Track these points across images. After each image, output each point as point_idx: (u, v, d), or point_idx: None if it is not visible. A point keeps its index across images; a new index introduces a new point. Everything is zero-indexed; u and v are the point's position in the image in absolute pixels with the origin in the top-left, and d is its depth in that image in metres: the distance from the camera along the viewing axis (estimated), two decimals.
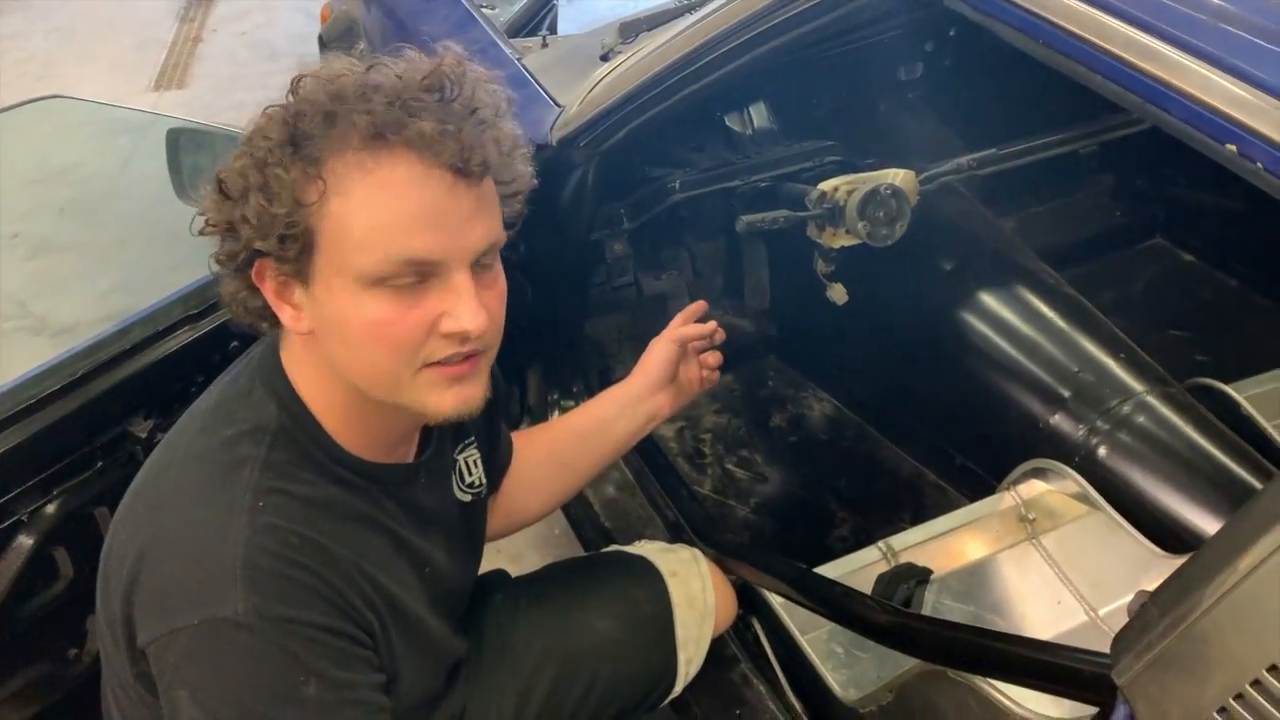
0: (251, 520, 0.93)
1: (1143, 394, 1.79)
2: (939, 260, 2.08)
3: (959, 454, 2.03)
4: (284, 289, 0.96)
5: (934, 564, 1.70)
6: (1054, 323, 1.93)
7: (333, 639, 0.95)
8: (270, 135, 0.91)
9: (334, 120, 0.90)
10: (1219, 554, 0.73)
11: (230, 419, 1.00)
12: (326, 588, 0.95)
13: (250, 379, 1.02)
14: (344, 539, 0.99)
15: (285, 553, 0.93)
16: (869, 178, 1.69)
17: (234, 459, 0.96)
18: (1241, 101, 0.75)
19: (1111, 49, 0.83)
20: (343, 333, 0.95)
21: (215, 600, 0.90)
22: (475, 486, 1.25)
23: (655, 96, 1.44)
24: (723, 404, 2.28)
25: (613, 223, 1.84)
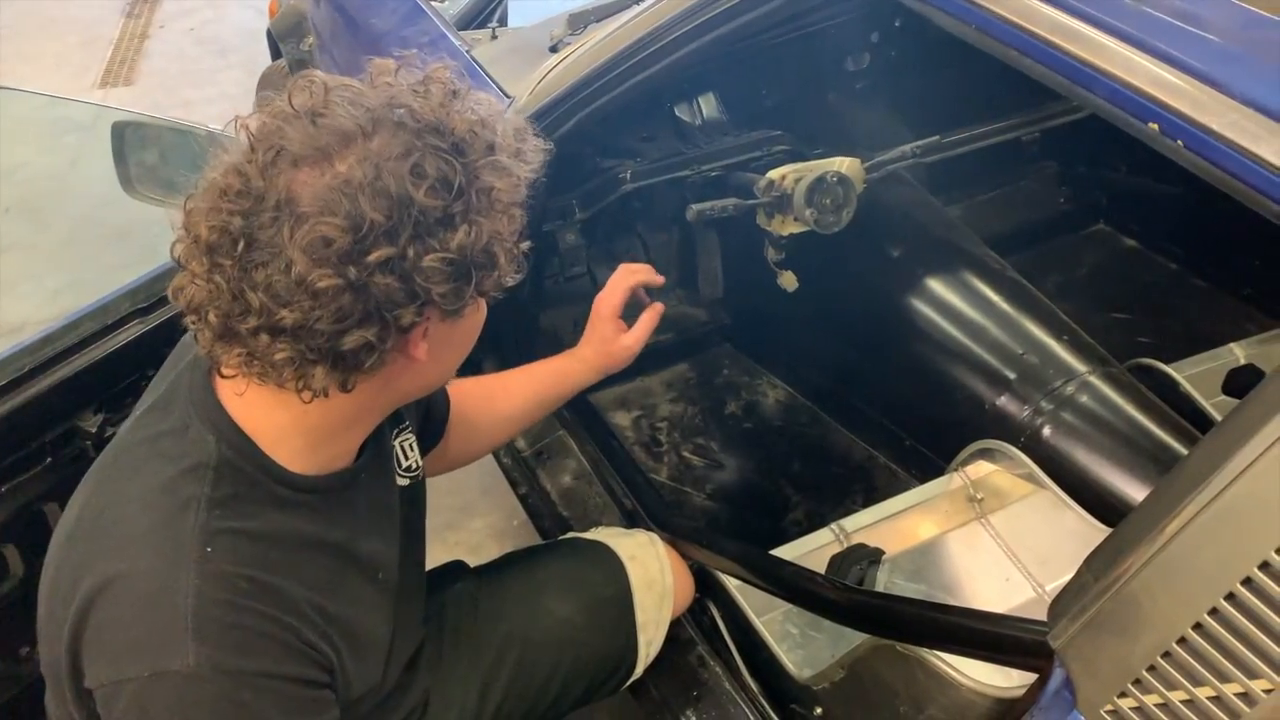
0: (200, 568, 0.91)
1: (1085, 374, 1.83)
2: (886, 247, 2.11)
3: (908, 436, 2.06)
4: (426, 328, 0.94)
5: (885, 544, 1.73)
6: (999, 306, 1.97)
7: (287, 685, 0.95)
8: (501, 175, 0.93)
9: (496, 150, 0.92)
10: (1147, 519, 0.76)
11: (168, 457, 0.97)
12: (282, 631, 0.95)
13: (184, 414, 0.99)
14: (295, 573, 0.99)
15: (237, 600, 0.92)
16: (816, 166, 1.72)
17: (178, 500, 0.94)
18: (1162, 81, 0.78)
19: (1039, 32, 0.86)
20: (468, 338, 1.05)
21: (165, 652, 0.89)
22: (413, 470, 1.25)
23: (602, 86, 1.46)
24: (678, 393, 2.30)
25: (565, 213, 1.86)
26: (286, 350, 0.88)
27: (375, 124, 0.87)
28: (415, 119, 0.88)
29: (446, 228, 0.87)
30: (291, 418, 0.97)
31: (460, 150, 0.89)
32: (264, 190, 0.86)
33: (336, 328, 0.86)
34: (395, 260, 0.85)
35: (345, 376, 0.91)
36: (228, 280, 0.87)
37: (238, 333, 0.89)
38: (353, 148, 0.86)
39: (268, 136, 0.88)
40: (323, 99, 0.89)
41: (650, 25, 1.40)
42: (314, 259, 0.84)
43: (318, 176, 0.85)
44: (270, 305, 0.85)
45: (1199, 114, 0.75)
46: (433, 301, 0.89)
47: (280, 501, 1.00)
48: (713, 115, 1.98)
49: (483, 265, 0.91)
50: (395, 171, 0.85)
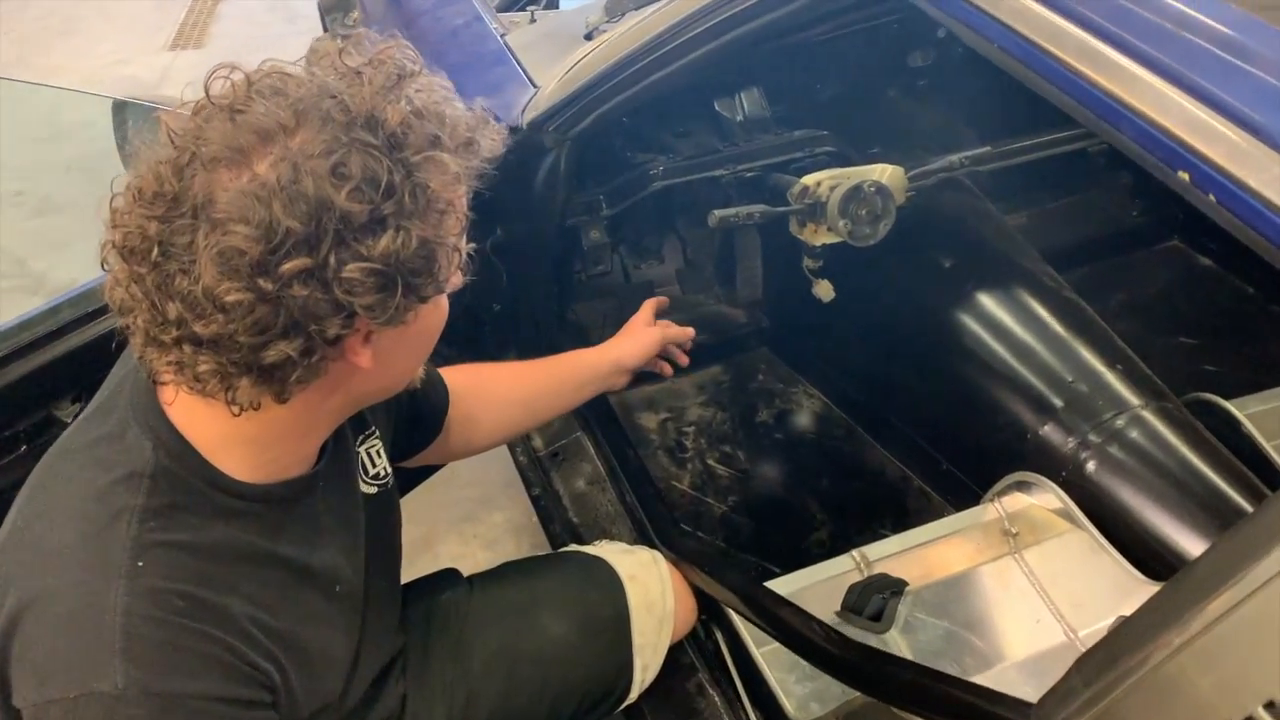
0: (131, 585, 0.86)
1: (1137, 408, 1.71)
2: (936, 257, 2.00)
3: (945, 460, 1.96)
4: (367, 336, 0.89)
5: (910, 575, 1.64)
6: (1051, 328, 1.85)
7: (224, 708, 0.90)
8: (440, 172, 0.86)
9: (440, 143, 0.86)
10: (1141, 628, 0.67)
11: (103, 464, 0.92)
12: (220, 650, 0.90)
13: (123, 420, 0.94)
14: (238, 588, 0.93)
15: (170, 619, 0.87)
16: (854, 173, 1.61)
17: (110, 511, 0.89)
18: (1198, 124, 0.67)
19: (1064, 56, 0.76)
20: (423, 340, 0.98)
21: (92, 673, 0.85)
22: (380, 478, 1.19)
23: (621, 82, 1.38)
24: (709, 396, 2.22)
25: (591, 209, 1.78)
26: (209, 362, 0.83)
27: (299, 118, 0.81)
28: (345, 111, 0.81)
29: (371, 234, 0.80)
30: (233, 426, 0.91)
31: (395, 145, 0.82)
32: (179, 194, 0.80)
33: (256, 340, 0.81)
34: (315, 270, 0.79)
35: (275, 388, 0.85)
36: (145, 289, 0.82)
37: (162, 342, 0.83)
38: (272, 146, 0.80)
39: (186, 135, 0.82)
40: (244, 93, 0.82)
41: (670, 21, 1.31)
42: (223, 270, 0.78)
43: (234, 179, 0.79)
44: (187, 316, 0.80)
45: (1236, 166, 0.64)
46: (358, 313, 0.82)
47: (224, 512, 0.94)
48: (755, 111, 1.88)
49: (416, 271, 0.84)
50: (316, 171, 0.78)
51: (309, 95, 0.82)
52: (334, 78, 0.85)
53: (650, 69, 1.35)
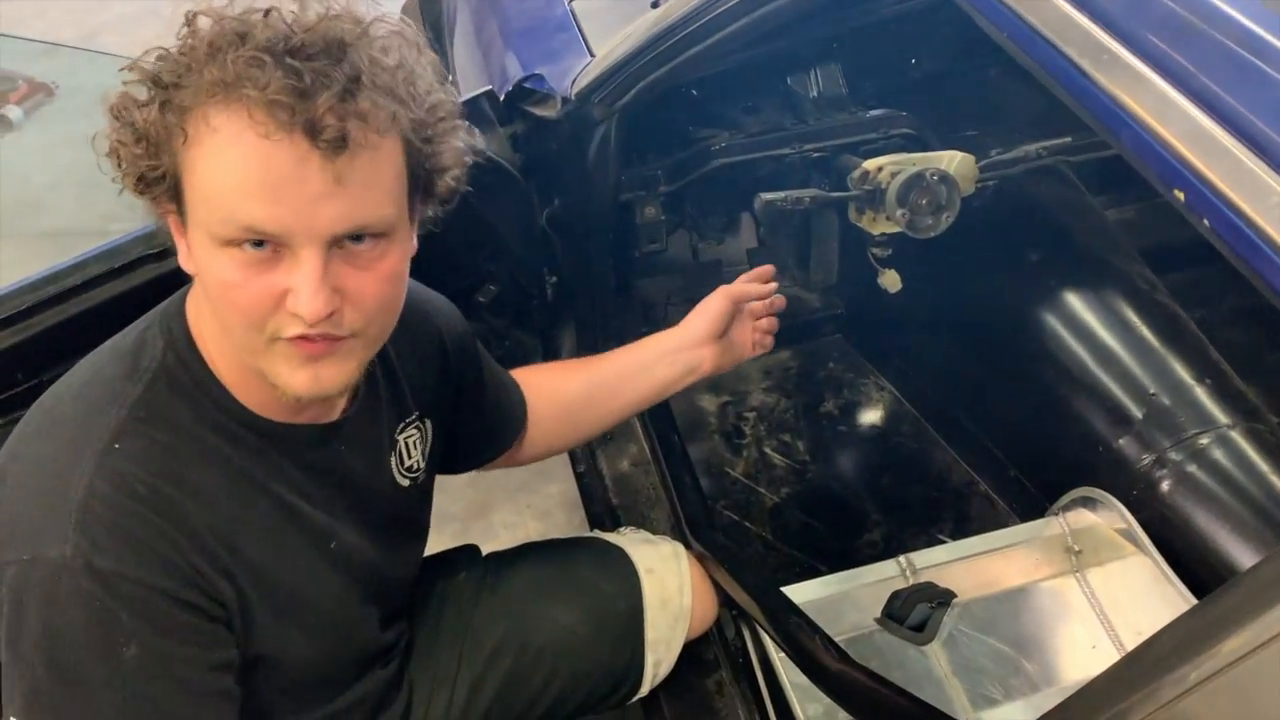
0: (100, 460, 0.88)
1: (1225, 427, 1.58)
2: (1022, 250, 1.88)
3: (1014, 466, 1.85)
4: (177, 225, 0.90)
5: (960, 587, 1.57)
6: (1137, 333, 1.72)
7: (165, 604, 0.89)
8: (146, 72, 0.85)
9: (201, 68, 0.82)
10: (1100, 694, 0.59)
11: (119, 355, 0.96)
12: (167, 546, 0.89)
13: (150, 319, 0.98)
14: (208, 496, 0.93)
15: (127, 503, 0.88)
16: (919, 159, 1.51)
17: (108, 394, 0.92)
18: (1200, 136, 0.57)
19: (1068, 51, 0.66)
20: (206, 287, 0.91)
21: (46, 539, 0.86)
22: (413, 471, 1.17)
23: (663, 52, 1.31)
24: (774, 382, 2.15)
25: (648, 184, 1.72)
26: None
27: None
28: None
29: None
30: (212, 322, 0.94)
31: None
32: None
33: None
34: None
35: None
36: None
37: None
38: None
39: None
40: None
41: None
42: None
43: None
44: None
45: (1233, 189, 0.55)
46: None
47: (220, 428, 0.95)
48: (831, 89, 1.78)
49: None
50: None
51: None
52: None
53: (691, 39, 1.28)
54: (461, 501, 2.22)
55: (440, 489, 1.25)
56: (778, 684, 1.42)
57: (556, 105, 1.53)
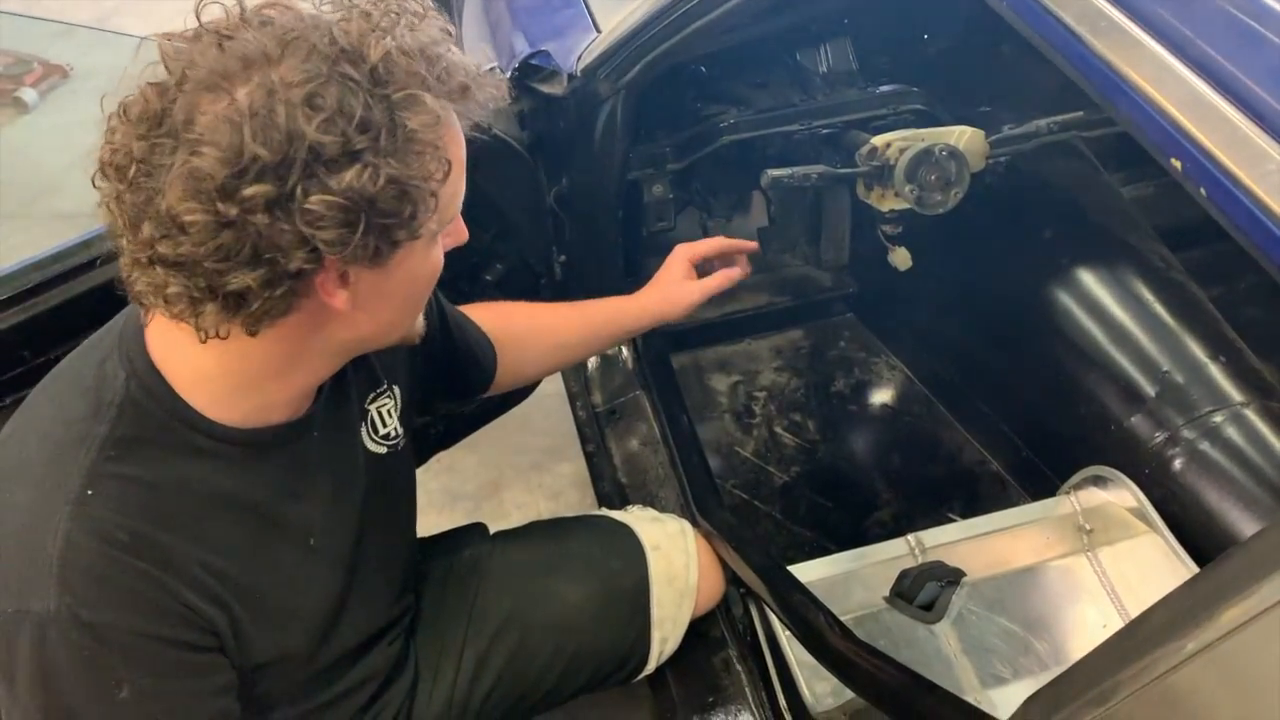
0: (76, 511, 0.87)
1: (1240, 405, 1.56)
2: (1037, 227, 1.86)
3: (1025, 446, 1.83)
4: (343, 276, 0.86)
5: (970, 566, 1.56)
6: (1151, 310, 1.70)
7: (154, 645, 0.90)
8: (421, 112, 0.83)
9: (427, 84, 0.83)
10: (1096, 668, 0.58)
11: (79, 390, 0.93)
12: (151, 588, 0.89)
13: (107, 350, 0.95)
14: (192, 529, 0.93)
15: (107, 551, 0.87)
16: (928, 134, 1.49)
17: (74, 436, 0.90)
18: (1198, 104, 0.56)
19: (1065, 19, 0.65)
20: (412, 289, 0.94)
21: (29, 593, 0.86)
22: (391, 438, 1.17)
23: (667, 26, 1.30)
24: (785, 361, 2.14)
25: (656, 162, 1.71)
26: (176, 284, 0.81)
27: (284, 48, 0.78)
28: (332, 44, 0.79)
29: (340, 167, 0.77)
30: (210, 361, 0.91)
31: (377, 80, 0.79)
32: (162, 114, 0.78)
33: (219, 266, 0.79)
34: (278, 199, 0.76)
35: (243, 320, 0.83)
36: (123, 206, 0.81)
37: (140, 262, 0.82)
38: (254, 73, 0.77)
39: (177, 58, 0.80)
40: (235, 21, 0.81)
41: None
42: (187, 191, 0.76)
43: (213, 103, 0.77)
44: (156, 235, 0.79)
45: (1230, 157, 0.53)
46: (320, 248, 0.79)
47: (191, 450, 0.93)
48: (840, 65, 1.77)
49: (385, 212, 0.80)
50: (290, 100, 0.76)
51: (298, 27, 0.80)
52: (332, 12, 0.82)
53: (695, 13, 1.26)
54: (474, 481, 2.22)
55: (451, 468, 1.24)
56: (784, 662, 1.42)
57: (563, 82, 1.52)
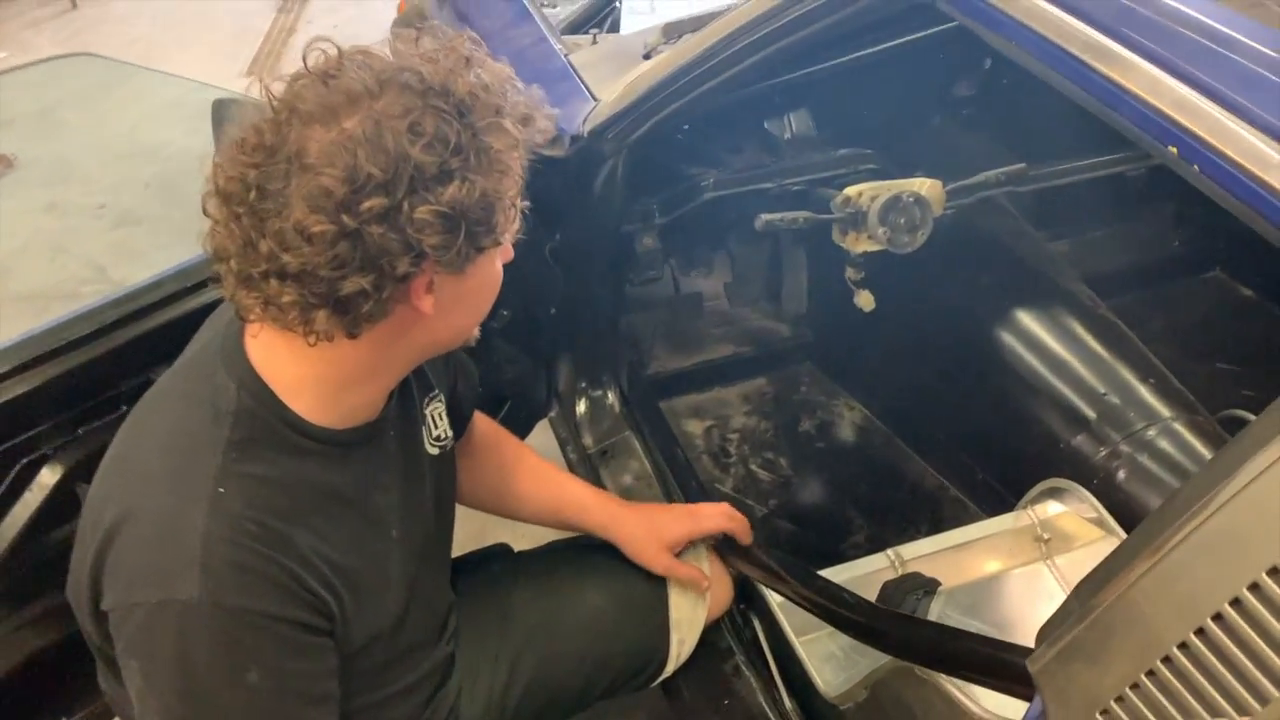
0: (212, 508, 0.97)
1: (1169, 420, 1.76)
2: (976, 274, 2.08)
3: (981, 469, 2.02)
4: (429, 284, 0.99)
5: (944, 576, 1.70)
6: (1086, 343, 1.91)
7: (282, 627, 1.00)
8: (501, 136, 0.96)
9: (501, 113, 0.96)
10: (1129, 549, 0.74)
11: (194, 402, 1.04)
12: (282, 574, 0.99)
13: (212, 363, 1.06)
14: (304, 520, 1.03)
15: (242, 541, 0.97)
16: (894, 185, 1.70)
17: (198, 442, 1.01)
18: (1185, 104, 0.76)
19: (1070, 49, 0.85)
20: (480, 295, 1.07)
21: (174, 583, 0.95)
22: (442, 439, 1.29)
23: (674, 92, 1.48)
24: (753, 406, 2.30)
25: (645, 217, 1.88)
26: (291, 294, 0.93)
27: (383, 85, 0.92)
28: (422, 81, 0.92)
29: (441, 182, 0.91)
30: (308, 367, 1.02)
31: (463, 111, 0.93)
32: (277, 145, 0.91)
33: (335, 274, 0.91)
34: (390, 211, 0.89)
35: (348, 323, 0.95)
36: (242, 228, 0.93)
37: (252, 278, 0.94)
38: (359, 107, 0.91)
39: (285, 97, 0.94)
40: (336, 62, 0.94)
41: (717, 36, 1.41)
42: (312, 207, 0.89)
43: (324, 133, 0.90)
44: (276, 250, 0.91)
45: (1216, 139, 0.73)
46: (426, 253, 0.93)
47: (296, 450, 1.04)
48: (803, 131, 1.98)
49: (477, 220, 0.94)
50: (396, 129, 0.89)
51: (391, 68, 0.94)
52: (412, 56, 0.96)
53: (702, 78, 1.45)
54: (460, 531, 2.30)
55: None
56: (792, 662, 1.54)
57: (565, 144, 1.68)
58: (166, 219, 3.51)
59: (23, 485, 1.30)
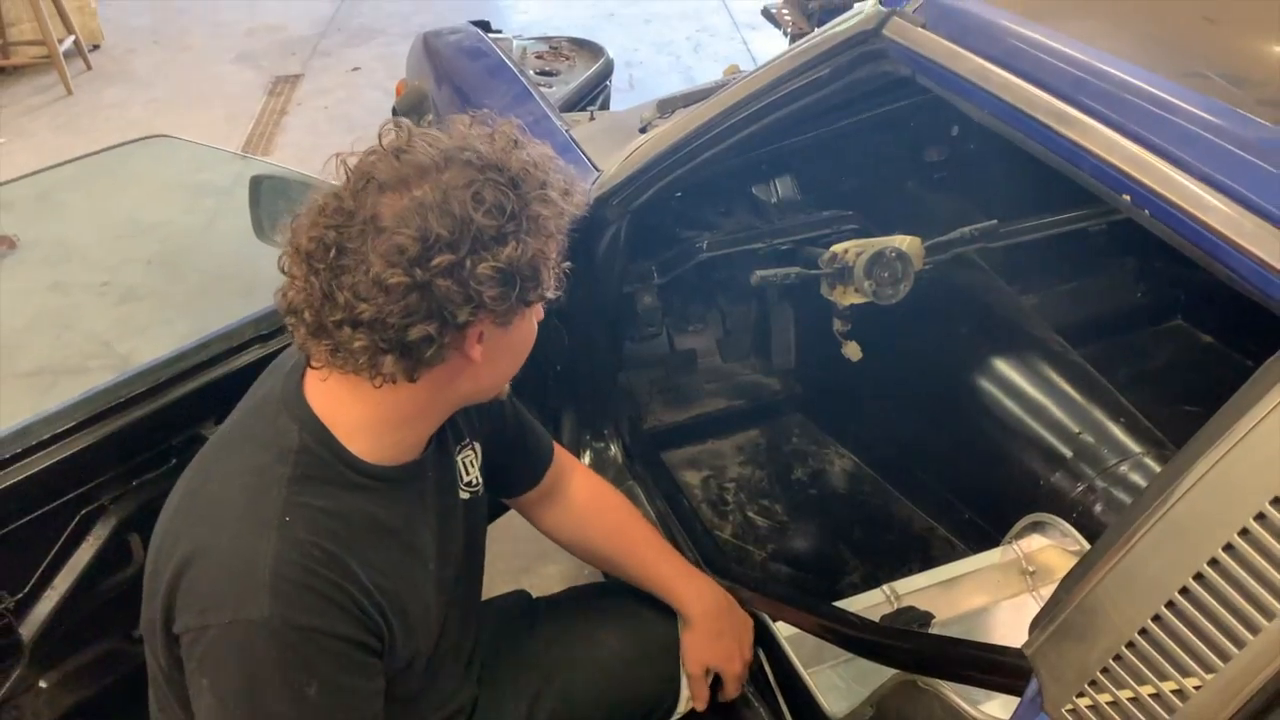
0: (280, 535, 1.08)
1: (1140, 454, 1.89)
2: (952, 326, 2.21)
3: (966, 508, 2.13)
4: (480, 334, 1.11)
5: (936, 609, 1.78)
6: (1059, 387, 2.04)
7: (342, 645, 1.10)
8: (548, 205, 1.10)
9: (547, 185, 1.10)
10: (1108, 541, 0.86)
11: (259, 443, 1.16)
12: (342, 596, 1.10)
13: (275, 408, 1.18)
14: (359, 549, 1.14)
15: (309, 564, 1.08)
16: (877, 242, 1.84)
17: (265, 479, 1.12)
18: (1135, 159, 0.90)
19: (1037, 116, 0.99)
20: (519, 348, 1.21)
21: (244, 603, 1.06)
22: (472, 485, 1.39)
23: (675, 161, 1.62)
24: (748, 456, 2.41)
25: (644, 277, 2.01)
26: (363, 340, 1.05)
27: (448, 161, 1.06)
28: (480, 159, 1.06)
29: (499, 243, 1.04)
30: (365, 409, 1.14)
31: (516, 184, 1.07)
32: (354, 209, 1.05)
33: (404, 321, 1.03)
34: (455, 266, 1.03)
35: (410, 366, 1.08)
36: (321, 282, 1.06)
37: (326, 327, 1.07)
38: (427, 178, 1.04)
39: (361, 168, 1.07)
40: (407, 140, 1.08)
41: (715, 111, 1.56)
42: (389, 262, 1.02)
43: (398, 199, 1.04)
44: (353, 301, 1.04)
45: (1164, 188, 0.86)
46: (484, 304, 1.05)
47: (352, 485, 1.16)
48: (788, 195, 2.13)
49: (528, 277, 1.07)
50: (460, 198, 1.03)
51: (453, 146, 1.08)
52: (470, 138, 1.10)
53: (698, 150, 1.59)
54: None
55: None
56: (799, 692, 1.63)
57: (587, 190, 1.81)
58: (168, 294, 3.61)
59: (82, 534, 1.39)
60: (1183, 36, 1.12)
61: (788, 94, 1.40)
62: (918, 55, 1.20)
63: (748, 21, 5.98)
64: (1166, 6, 1.21)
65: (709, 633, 1.57)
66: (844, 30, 1.32)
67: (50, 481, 1.35)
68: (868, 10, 1.29)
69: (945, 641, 1.31)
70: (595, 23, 6.18)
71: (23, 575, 1.37)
